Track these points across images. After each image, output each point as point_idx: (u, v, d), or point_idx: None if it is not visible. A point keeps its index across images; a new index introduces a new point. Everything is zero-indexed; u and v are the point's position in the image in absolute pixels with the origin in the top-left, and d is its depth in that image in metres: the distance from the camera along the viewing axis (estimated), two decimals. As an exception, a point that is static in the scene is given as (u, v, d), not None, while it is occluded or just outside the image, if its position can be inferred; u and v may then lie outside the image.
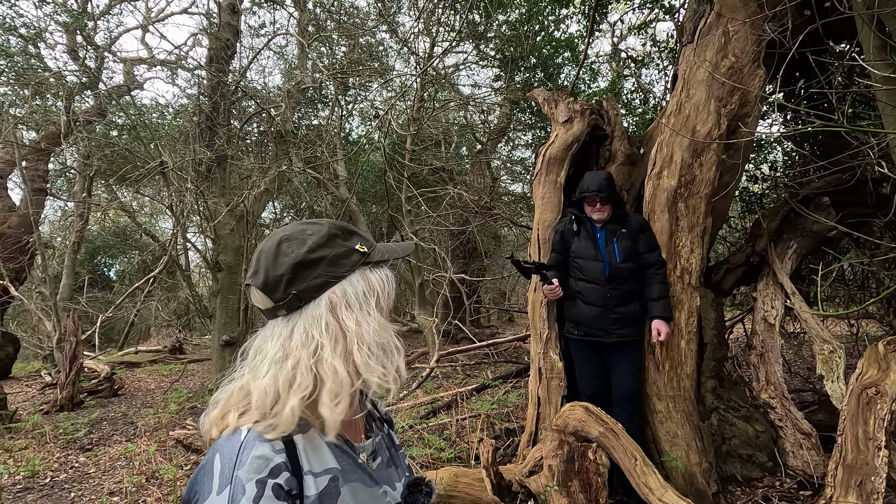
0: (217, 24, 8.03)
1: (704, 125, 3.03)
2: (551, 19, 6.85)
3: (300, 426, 0.72)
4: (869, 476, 2.13)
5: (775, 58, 2.90)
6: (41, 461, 4.33)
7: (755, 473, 2.92)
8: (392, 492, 0.82)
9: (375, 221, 11.19)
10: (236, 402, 0.74)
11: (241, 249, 7.19)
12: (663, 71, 5.80)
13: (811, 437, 2.87)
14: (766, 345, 3.15)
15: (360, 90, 9.04)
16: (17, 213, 8.58)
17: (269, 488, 0.65)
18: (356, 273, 0.79)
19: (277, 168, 7.87)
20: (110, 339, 12.34)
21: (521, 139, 10.24)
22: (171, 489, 3.55)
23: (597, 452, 2.42)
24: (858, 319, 5.14)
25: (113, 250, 15.18)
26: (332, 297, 0.76)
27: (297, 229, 0.79)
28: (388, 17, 8.05)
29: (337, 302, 0.76)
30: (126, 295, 9.37)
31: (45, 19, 7.66)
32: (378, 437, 0.85)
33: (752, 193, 4.68)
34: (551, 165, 3.39)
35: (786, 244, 3.33)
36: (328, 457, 0.74)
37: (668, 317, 2.80)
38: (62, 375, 6.33)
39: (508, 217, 8.49)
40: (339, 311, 0.76)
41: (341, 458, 0.75)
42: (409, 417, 4.52)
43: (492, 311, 12.71)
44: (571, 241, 2.98)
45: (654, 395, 2.90)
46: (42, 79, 7.51)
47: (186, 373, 8.51)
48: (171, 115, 9.49)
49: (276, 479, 0.66)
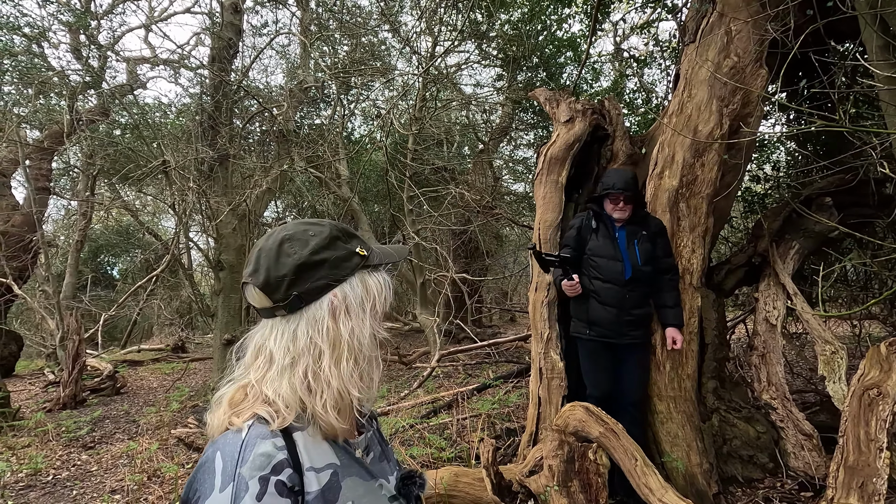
0: (220, 24, 8.04)
1: (706, 125, 3.03)
2: (553, 19, 6.85)
3: (300, 424, 0.73)
4: (870, 478, 2.12)
5: (778, 57, 2.89)
6: (44, 459, 4.35)
7: (756, 474, 2.92)
8: (387, 484, 0.83)
9: (377, 221, 11.20)
10: (239, 401, 0.74)
11: (243, 248, 7.19)
12: (665, 70, 5.79)
13: (813, 438, 2.86)
14: (767, 345, 3.14)
15: (363, 89, 9.04)
16: (20, 211, 8.62)
17: (273, 485, 0.65)
18: (355, 276, 0.79)
19: (279, 167, 7.89)
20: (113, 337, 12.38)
21: (523, 139, 10.23)
22: (172, 487, 3.56)
23: (597, 453, 2.42)
24: (861, 320, 5.12)
25: (116, 249, 15.22)
26: (333, 300, 0.76)
27: (298, 229, 0.79)
28: (390, 16, 8.05)
29: (338, 305, 0.76)
30: (129, 293, 9.39)
31: (49, 18, 7.70)
32: (369, 433, 0.86)
33: (755, 193, 4.66)
34: (553, 165, 3.38)
35: (788, 245, 3.32)
36: (328, 452, 0.75)
37: (682, 324, 2.79)
38: (65, 373, 6.36)
39: (510, 217, 8.49)
40: (340, 316, 0.76)
41: (339, 454, 0.76)
42: (410, 417, 4.53)
43: (493, 310, 12.70)
44: (588, 239, 2.88)
45: (655, 396, 2.89)
46: (46, 78, 7.54)
47: (188, 371, 8.53)
48: (174, 114, 9.52)
49: (278, 475, 0.66)
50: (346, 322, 0.76)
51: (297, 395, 0.73)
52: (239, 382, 0.77)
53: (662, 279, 2.82)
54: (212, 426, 0.74)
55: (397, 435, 4.02)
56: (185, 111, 9.17)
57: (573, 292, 2.75)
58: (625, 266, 2.77)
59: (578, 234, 2.91)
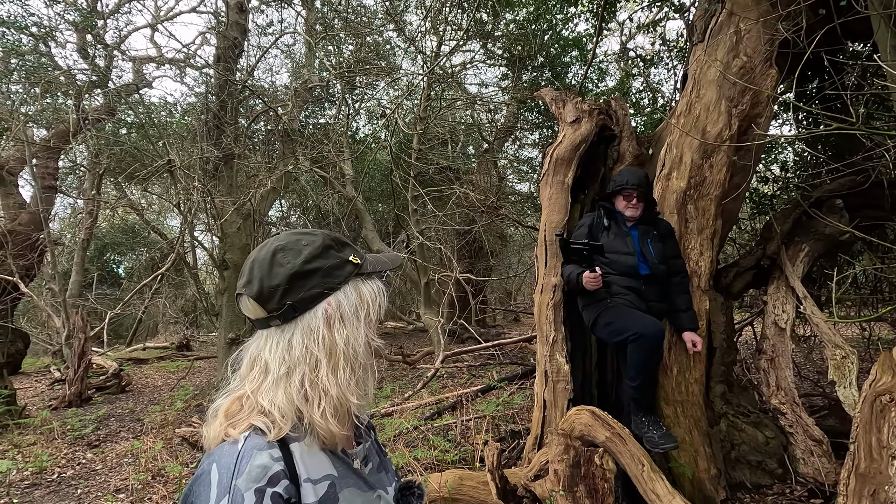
0: (225, 23, 8.04)
1: (715, 126, 2.99)
2: (559, 18, 6.81)
3: (297, 434, 0.72)
4: (882, 486, 2.08)
5: (788, 57, 2.85)
6: (49, 457, 4.37)
7: (765, 480, 2.88)
8: (385, 496, 0.83)
9: (382, 220, 11.20)
10: (235, 413, 0.74)
11: (247, 248, 7.21)
12: (673, 70, 5.74)
13: (822, 443, 2.82)
14: (776, 349, 3.10)
15: (367, 89, 9.03)
16: (27, 210, 8.66)
17: (269, 497, 0.65)
18: (349, 285, 0.79)
19: (284, 167, 7.89)
20: (118, 335, 12.46)
21: (528, 138, 10.20)
22: (176, 487, 3.56)
23: (603, 457, 2.39)
24: (871, 323, 5.06)
25: (121, 247, 15.31)
26: (327, 309, 0.76)
27: (291, 239, 0.79)
28: (395, 15, 8.03)
29: (332, 314, 0.76)
30: (134, 292, 9.43)
31: (56, 18, 7.73)
32: (367, 444, 0.86)
33: (763, 195, 4.61)
34: (559, 166, 3.35)
35: (797, 247, 3.28)
36: (325, 463, 0.74)
37: (697, 327, 2.74)
38: (70, 371, 6.39)
39: (515, 217, 8.46)
40: (334, 324, 0.76)
41: (337, 465, 0.76)
42: (413, 418, 4.51)
43: (497, 310, 12.68)
44: (599, 236, 2.82)
45: (662, 400, 2.86)
46: (52, 77, 7.57)
47: (193, 370, 8.56)
48: (180, 113, 9.54)
49: (275, 487, 0.66)
50: (341, 330, 0.76)
51: (294, 405, 0.72)
52: (235, 394, 0.76)
53: (673, 282, 2.78)
54: (208, 438, 0.73)
55: (401, 437, 4.00)
56: (191, 110, 9.19)
57: (595, 285, 2.62)
58: (638, 262, 2.73)
59: (589, 231, 2.85)
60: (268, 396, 0.72)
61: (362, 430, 0.87)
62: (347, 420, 0.78)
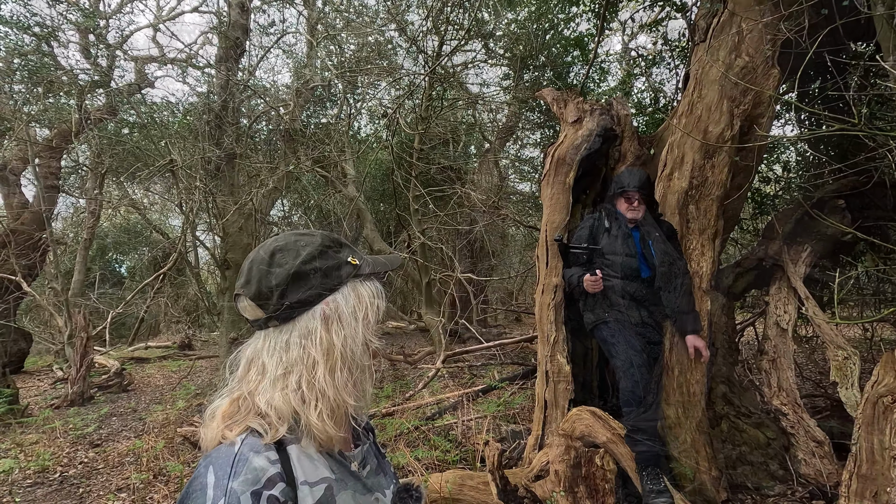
0: (227, 23, 8.06)
1: (717, 126, 2.98)
2: (561, 17, 6.79)
3: (294, 436, 0.72)
4: (884, 487, 2.08)
5: (791, 58, 2.84)
6: (51, 456, 4.38)
7: (766, 481, 2.87)
8: (383, 498, 0.83)
9: (383, 220, 11.20)
10: (232, 414, 0.73)
11: (249, 247, 7.22)
12: (675, 70, 5.73)
13: (824, 445, 2.82)
14: (778, 350, 3.09)
15: (369, 89, 9.03)
16: (29, 209, 8.69)
17: (265, 500, 0.65)
18: (348, 286, 0.79)
19: (286, 166, 7.90)
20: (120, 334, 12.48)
21: (530, 138, 10.18)
22: (178, 486, 3.57)
23: (604, 458, 2.39)
24: (873, 324, 5.05)
25: (124, 247, 15.35)
26: (325, 310, 0.76)
27: (289, 240, 0.79)
28: (396, 15, 8.02)
29: (330, 315, 0.76)
30: (136, 291, 9.46)
31: (58, 18, 7.74)
32: (366, 446, 0.85)
33: (765, 195, 4.60)
34: (560, 166, 3.35)
35: (799, 248, 3.27)
36: (322, 466, 0.74)
37: (700, 330, 2.71)
38: (73, 371, 6.40)
39: (516, 217, 8.45)
40: (332, 325, 0.76)
41: (334, 467, 0.76)
42: (414, 418, 4.51)
43: (499, 310, 12.67)
44: (600, 238, 2.83)
45: (663, 401, 2.85)
46: (55, 77, 7.59)
47: (195, 369, 8.57)
48: (181, 113, 9.56)
49: (271, 490, 0.66)
50: (339, 331, 0.76)
51: (290, 406, 0.72)
52: (232, 395, 0.76)
53: (675, 283, 2.77)
54: (205, 440, 0.73)
55: (402, 436, 4.01)
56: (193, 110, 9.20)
57: (595, 288, 2.65)
58: (640, 264, 2.74)
59: (590, 233, 2.87)
60: (264, 398, 0.72)
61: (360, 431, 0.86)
62: (345, 422, 0.77)
